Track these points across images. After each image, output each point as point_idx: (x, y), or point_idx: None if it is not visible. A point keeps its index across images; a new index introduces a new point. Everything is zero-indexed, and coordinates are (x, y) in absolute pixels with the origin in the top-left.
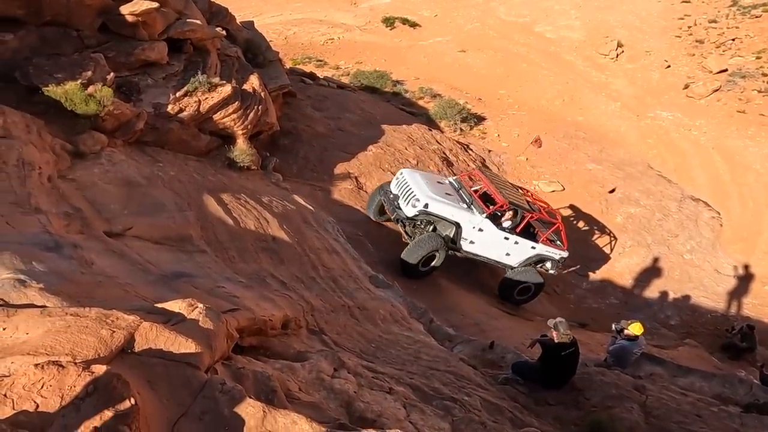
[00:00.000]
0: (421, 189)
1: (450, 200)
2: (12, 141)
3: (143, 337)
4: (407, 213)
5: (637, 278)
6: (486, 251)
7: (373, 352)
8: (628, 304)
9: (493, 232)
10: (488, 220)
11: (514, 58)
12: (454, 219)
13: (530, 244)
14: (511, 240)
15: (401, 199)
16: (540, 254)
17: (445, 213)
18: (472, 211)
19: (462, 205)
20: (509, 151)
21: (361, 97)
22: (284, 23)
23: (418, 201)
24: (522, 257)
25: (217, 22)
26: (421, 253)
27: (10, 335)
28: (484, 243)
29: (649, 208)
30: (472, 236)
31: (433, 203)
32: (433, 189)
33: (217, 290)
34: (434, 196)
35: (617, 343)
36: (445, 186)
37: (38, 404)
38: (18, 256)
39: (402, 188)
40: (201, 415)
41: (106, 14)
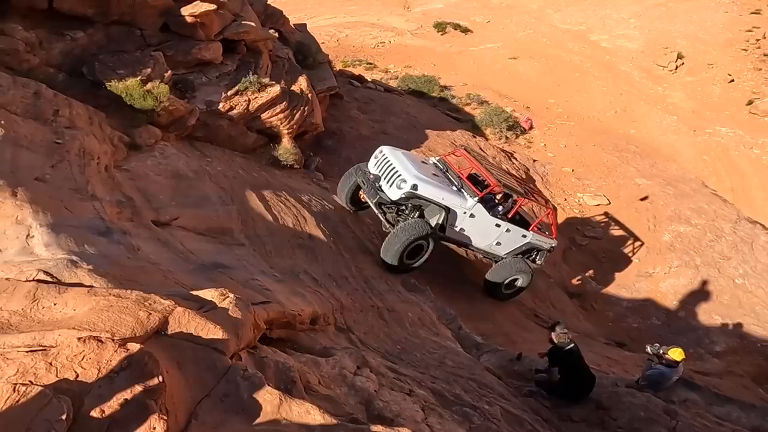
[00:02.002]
0: (407, 168)
1: (439, 182)
2: (75, 131)
3: (176, 320)
4: (391, 196)
5: (682, 300)
6: (475, 239)
7: (398, 354)
8: (670, 326)
9: (485, 219)
10: (480, 205)
11: (566, 67)
12: (444, 203)
13: (521, 232)
14: (502, 227)
15: (383, 180)
16: (531, 243)
17: (436, 196)
18: (462, 195)
19: (452, 188)
20: (555, 162)
21: (408, 101)
22: (337, 26)
23: (404, 182)
24: (512, 246)
25: (271, 23)
26: (404, 240)
27: (60, 310)
28: (473, 230)
29: (701, 227)
30: (462, 223)
31: (422, 185)
32: (419, 169)
33: (251, 282)
34: (423, 177)
35: (654, 368)
36: (430, 167)
37: (78, 374)
38: (72, 239)
39: (383, 168)
40: (222, 397)
41: (167, 15)
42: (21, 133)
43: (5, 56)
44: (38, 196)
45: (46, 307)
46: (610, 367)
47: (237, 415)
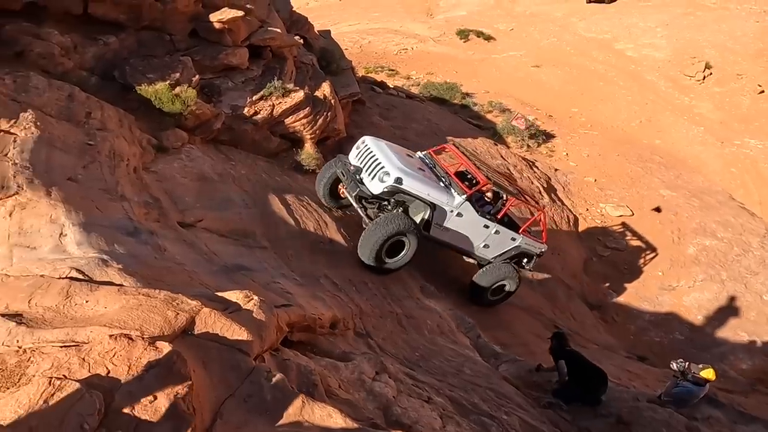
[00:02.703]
0: (390, 161)
1: (425, 176)
2: (106, 133)
3: (203, 321)
4: (373, 189)
5: (707, 315)
6: (462, 240)
7: (416, 361)
8: (694, 341)
9: (473, 218)
10: (468, 204)
11: (590, 76)
12: (430, 199)
13: (510, 234)
14: (491, 229)
15: (364, 173)
16: (520, 247)
17: (421, 192)
18: (450, 192)
19: (439, 184)
20: (577, 171)
21: (429, 107)
22: (360, 32)
23: (387, 175)
24: (501, 249)
25: (296, 30)
26: (382, 235)
27: (91, 307)
28: (460, 230)
29: (727, 241)
30: (449, 222)
31: (407, 178)
32: (404, 162)
33: (272, 285)
34: (408, 170)
35: (682, 386)
36: (416, 161)
37: (109, 370)
38: (103, 238)
39: (365, 159)
40: (246, 398)
41: (196, 21)
42: (55, 134)
43: (41, 60)
44: (71, 195)
45: (79, 304)
46: (630, 381)
47: (260, 416)
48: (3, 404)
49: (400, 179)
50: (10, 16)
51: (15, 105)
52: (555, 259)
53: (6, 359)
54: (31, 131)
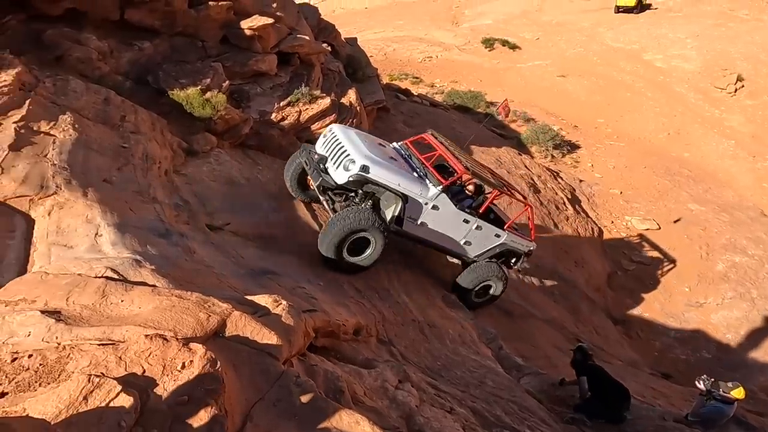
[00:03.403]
0: (357, 148)
1: (396, 165)
2: (140, 136)
3: (233, 324)
4: (337, 179)
5: (736, 334)
6: (440, 236)
7: (438, 370)
8: (722, 360)
9: (451, 212)
10: (445, 195)
11: (617, 87)
12: (401, 190)
13: (494, 230)
14: (471, 224)
15: (330, 162)
16: (506, 244)
17: (390, 181)
18: (424, 183)
19: (412, 174)
20: (602, 183)
21: (453, 116)
22: (385, 40)
23: (352, 162)
24: (484, 247)
25: (324, 37)
26: (341, 230)
27: (126, 307)
28: (438, 226)
29: (758, 258)
30: (424, 216)
31: (374, 166)
32: (372, 149)
33: (297, 290)
34: (375, 158)
35: (712, 405)
36: (388, 150)
37: (145, 369)
38: (136, 239)
39: (331, 148)
40: (275, 402)
41: (227, 27)
42: (92, 137)
43: (80, 64)
44: (106, 196)
45: (114, 303)
46: (655, 398)
47: (289, 420)
48: (45, 399)
49: (366, 167)
50: (52, 21)
51: (55, 108)
52: (578, 272)
53: (47, 355)
54: (70, 133)
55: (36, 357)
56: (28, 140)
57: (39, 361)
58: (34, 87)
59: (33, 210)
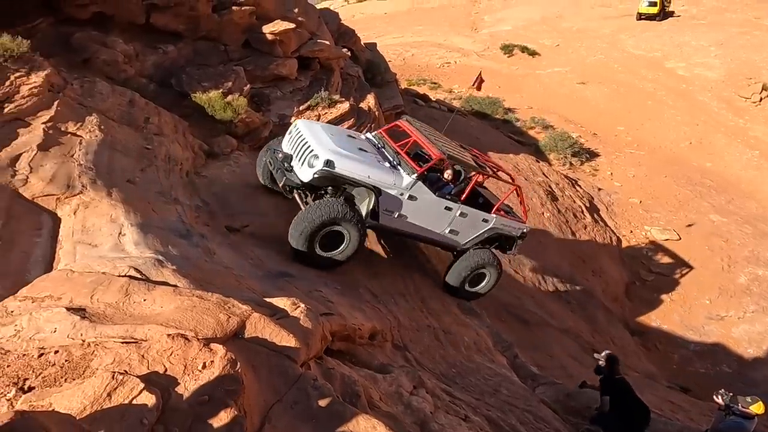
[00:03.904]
0: (321, 142)
1: (365, 157)
2: (163, 138)
3: (253, 325)
4: (302, 177)
5: (758, 348)
6: (423, 228)
7: (453, 377)
8: (742, 375)
9: (429, 200)
10: (421, 183)
11: (638, 94)
12: (371, 182)
13: (481, 215)
14: (454, 211)
15: (295, 159)
16: (495, 228)
17: (359, 174)
18: (398, 172)
19: (383, 164)
20: (621, 192)
21: (471, 122)
22: (404, 45)
23: (316, 158)
24: (473, 234)
25: (344, 42)
26: (311, 223)
27: (149, 306)
28: (419, 216)
29: None
30: (401, 207)
31: (339, 160)
32: (339, 142)
33: (314, 293)
34: (342, 151)
35: (732, 420)
36: (359, 141)
37: (167, 368)
38: (158, 239)
39: (296, 144)
40: (293, 404)
41: (250, 32)
42: (117, 138)
43: (106, 66)
44: (129, 196)
45: (137, 302)
46: (673, 412)
47: (306, 423)
48: (70, 394)
49: (331, 162)
50: (80, 25)
51: (81, 109)
52: (596, 281)
53: (72, 351)
54: (96, 134)
55: (62, 353)
56: (56, 140)
57: (65, 357)
58: (62, 89)
59: (59, 209)
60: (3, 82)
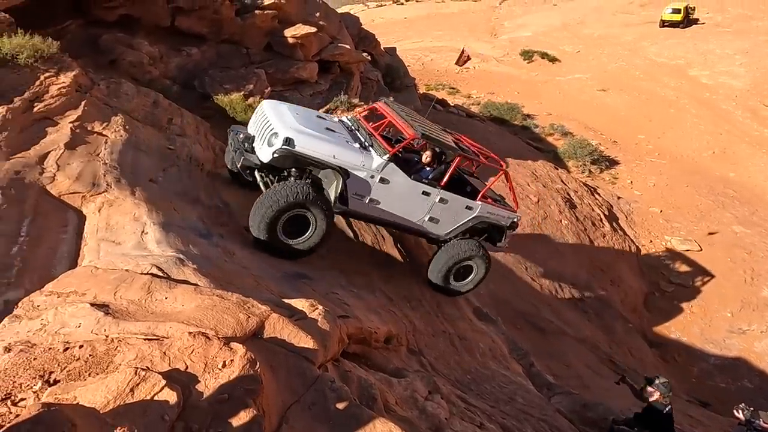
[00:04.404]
0: (283, 121)
1: (332, 137)
2: (185, 139)
3: (272, 326)
4: (262, 156)
5: None
6: (398, 214)
7: (468, 384)
8: (764, 390)
9: (404, 184)
10: (394, 165)
11: (660, 102)
12: (336, 162)
13: (464, 202)
14: (433, 196)
15: (258, 140)
16: (481, 217)
17: (323, 153)
18: (368, 153)
19: (352, 145)
20: (641, 201)
21: (489, 127)
22: (423, 50)
23: (276, 136)
24: (455, 222)
25: (364, 46)
26: (272, 207)
27: (170, 304)
28: (393, 202)
29: None
30: (373, 191)
31: (301, 138)
32: (303, 121)
33: (331, 295)
34: (303, 129)
35: None
36: (328, 122)
37: (187, 366)
38: (179, 238)
39: (260, 125)
40: (311, 405)
41: (272, 35)
42: (141, 138)
43: (132, 68)
44: (152, 196)
45: (159, 299)
46: (693, 427)
47: (323, 424)
48: (94, 389)
49: (290, 140)
50: (107, 27)
51: (107, 109)
52: (614, 291)
53: (96, 346)
54: (120, 134)
55: (86, 348)
56: (83, 139)
57: (89, 352)
58: (89, 89)
59: (84, 206)
60: (33, 81)
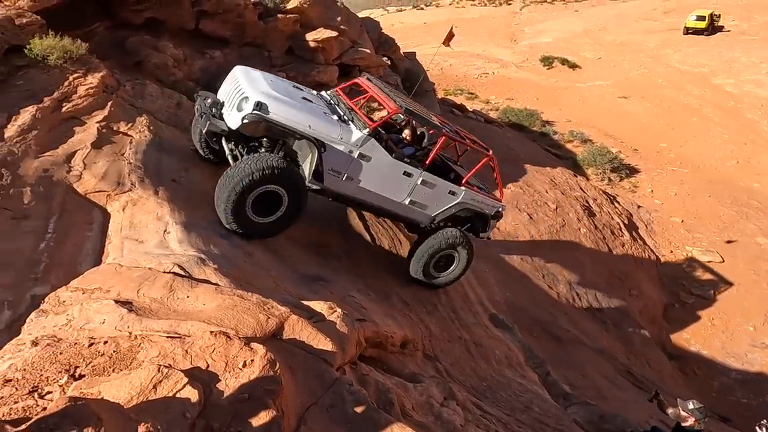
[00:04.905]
0: (255, 86)
1: (308, 106)
2: None
3: (291, 327)
4: (230, 123)
5: None
6: (376, 194)
7: (483, 391)
8: None
9: (384, 162)
10: (375, 141)
11: (683, 110)
12: (312, 133)
13: (448, 186)
14: (414, 177)
15: (227, 107)
16: (464, 204)
17: (297, 122)
18: (347, 126)
19: (330, 116)
20: (662, 210)
21: (508, 133)
22: (442, 54)
23: (246, 100)
24: (436, 208)
25: (384, 50)
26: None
27: (192, 303)
28: (371, 181)
29: None
30: (350, 168)
31: (274, 104)
32: (278, 88)
33: (348, 298)
34: (276, 95)
35: None
36: (306, 93)
37: (209, 364)
38: (201, 238)
39: (231, 91)
40: (329, 407)
41: (293, 39)
42: (164, 138)
43: (157, 69)
44: (174, 196)
45: (181, 298)
46: None
47: (341, 426)
48: (118, 384)
49: (264, 105)
50: (134, 29)
51: (133, 110)
52: (633, 301)
53: (120, 343)
54: (145, 134)
55: (110, 344)
56: (109, 139)
57: (113, 348)
58: (115, 90)
59: (109, 205)
60: (63, 82)
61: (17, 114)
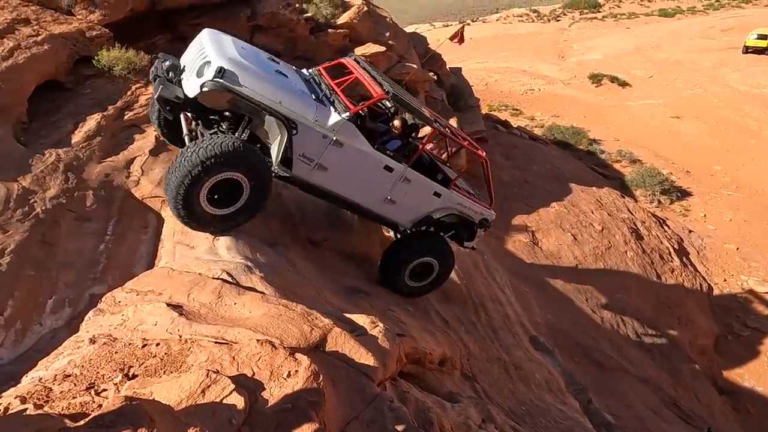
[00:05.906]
0: (221, 50)
1: (281, 80)
2: None
3: (333, 339)
4: (188, 90)
5: None
6: (350, 189)
7: (522, 415)
8: None
9: (363, 153)
10: (355, 127)
11: (740, 132)
12: (283, 110)
13: (432, 186)
14: (396, 173)
15: (187, 72)
16: (450, 208)
17: (266, 95)
18: (324, 108)
19: (306, 95)
20: (715, 236)
21: (552, 151)
22: (488, 70)
23: (208, 66)
24: (418, 210)
25: (430, 65)
26: (192, 165)
27: (238, 310)
28: (348, 172)
29: None
30: (324, 155)
31: (240, 72)
32: (248, 56)
33: (388, 312)
34: (243, 62)
35: None
36: (282, 66)
37: (254, 372)
38: (248, 246)
39: (195, 57)
40: (369, 423)
41: (342, 53)
42: None
43: None
44: None
45: (228, 305)
46: None
47: None
48: (169, 386)
49: (224, 70)
50: None
51: None
52: (682, 331)
53: (171, 345)
54: None
55: (162, 346)
56: (165, 147)
57: (165, 350)
58: None
59: (164, 210)
60: (126, 91)
61: (84, 121)
